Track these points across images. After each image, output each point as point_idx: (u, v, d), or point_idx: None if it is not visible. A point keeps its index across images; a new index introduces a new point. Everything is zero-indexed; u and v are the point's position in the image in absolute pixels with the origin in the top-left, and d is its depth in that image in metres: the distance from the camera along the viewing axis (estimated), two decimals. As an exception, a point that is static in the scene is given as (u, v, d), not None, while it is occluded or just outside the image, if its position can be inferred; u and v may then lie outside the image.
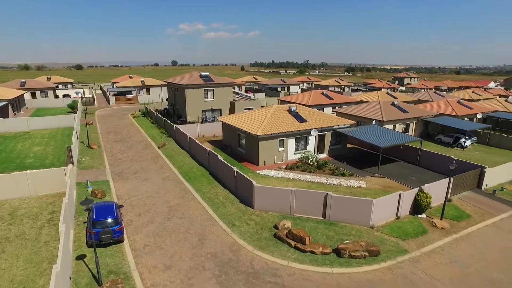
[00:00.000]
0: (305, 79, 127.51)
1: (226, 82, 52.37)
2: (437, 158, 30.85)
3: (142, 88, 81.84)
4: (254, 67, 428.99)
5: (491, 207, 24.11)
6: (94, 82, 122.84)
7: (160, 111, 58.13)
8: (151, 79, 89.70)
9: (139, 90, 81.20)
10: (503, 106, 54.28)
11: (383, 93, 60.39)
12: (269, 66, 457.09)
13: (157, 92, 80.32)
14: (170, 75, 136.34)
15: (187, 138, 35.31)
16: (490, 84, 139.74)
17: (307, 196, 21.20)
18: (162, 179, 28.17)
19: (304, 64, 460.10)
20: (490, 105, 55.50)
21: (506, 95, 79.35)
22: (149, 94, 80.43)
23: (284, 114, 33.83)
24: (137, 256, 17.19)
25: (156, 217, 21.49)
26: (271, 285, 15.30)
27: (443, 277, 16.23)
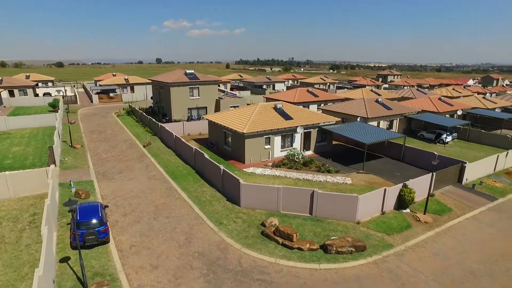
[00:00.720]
0: (291, 76, 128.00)
1: (211, 80, 52.08)
2: (420, 154, 31.53)
3: (126, 86, 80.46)
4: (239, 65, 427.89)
5: (471, 200, 24.84)
6: (76, 80, 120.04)
7: (145, 109, 57.35)
8: (135, 77, 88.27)
9: (123, 88, 79.82)
10: (481, 103, 55.86)
11: (367, 90, 61.23)
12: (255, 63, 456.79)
13: (142, 90, 79.16)
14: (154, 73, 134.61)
15: (173, 137, 34.97)
16: (469, 81, 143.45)
17: (294, 193, 21.33)
18: (148, 178, 27.83)
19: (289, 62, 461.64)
20: (469, 102, 57.01)
21: (484, 92, 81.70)
22: (133, 92, 79.19)
23: (270, 112, 33.89)
24: (123, 257, 16.95)
25: (142, 216, 21.24)
26: (259, 283, 15.36)
27: (426, 270, 16.64)
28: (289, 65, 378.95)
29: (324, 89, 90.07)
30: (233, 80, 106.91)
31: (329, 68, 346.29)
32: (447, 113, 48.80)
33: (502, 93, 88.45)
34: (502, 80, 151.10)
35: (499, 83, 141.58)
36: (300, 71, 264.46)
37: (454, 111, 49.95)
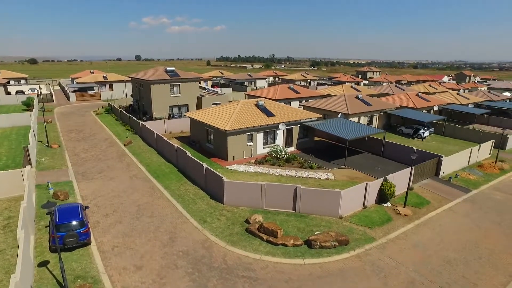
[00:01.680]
0: (272, 73, 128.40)
1: (192, 77, 51.51)
2: (399, 148, 32.34)
3: (104, 84, 78.53)
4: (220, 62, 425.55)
5: (447, 193, 25.71)
6: (51, 78, 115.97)
7: (125, 107, 56.18)
8: (114, 74, 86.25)
9: (102, 86, 77.88)
10: (456, 99, 57.75)
11: (347, 87, 62.15)
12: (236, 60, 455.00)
13: (121, 88, 77.44)
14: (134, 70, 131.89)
15: (154, 135, 34.45)
16: (444, 78, 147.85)
17: (277, 190, 21.46)
18: (129, 178, 27.34)
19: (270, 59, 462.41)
20: (444, 98, 58.83)
21: (457, 89, 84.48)
22: (112, 90, 77.39)
23: (252, 109, 33.89)
24: (106, 258, 16.62)
25: (125, 217, 20.86)
26: (244, 280, 15.41)
27: (407, 261, 17.13)
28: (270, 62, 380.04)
29: (305, 86, 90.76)
30: (214, 77, 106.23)
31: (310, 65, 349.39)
32: (424, 108, 50.19)
33: (474, 89, 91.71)
34: (474, 77, 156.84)
35: (471, 80, 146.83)
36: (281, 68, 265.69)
37: (431, 106, 51.43)
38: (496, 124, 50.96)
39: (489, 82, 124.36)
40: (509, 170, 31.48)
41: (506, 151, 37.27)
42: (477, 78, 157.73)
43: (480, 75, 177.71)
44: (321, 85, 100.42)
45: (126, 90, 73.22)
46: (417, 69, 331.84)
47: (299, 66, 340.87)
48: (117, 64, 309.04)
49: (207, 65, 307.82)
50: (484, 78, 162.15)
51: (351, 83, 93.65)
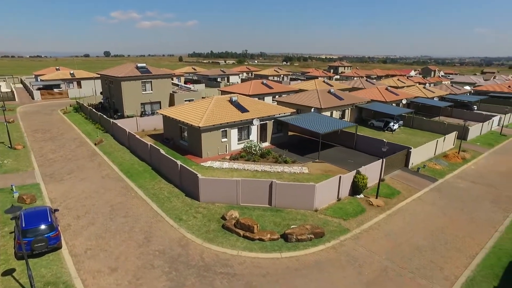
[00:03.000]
0: (245, 69, 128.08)
1: (164, 74, 50.53)
2: (370, 141, 33.30)
3: (72, 81, 75.37)
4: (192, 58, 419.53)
5: (416, 183, 26.81)
6: (12, 75, 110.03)
7: (95, 105, 54.23)
8: (82, 71, 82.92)
9: (69, 83, 74.73)
10: (422, 93, 60.10)
11: (320, 82, 63.10)
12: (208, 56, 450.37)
13: (90, 85, 74.71)
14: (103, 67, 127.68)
15: (126, 133, 33.57)
16: (411, 72, 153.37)
17: (253, 185, 21.55)
18: (101, 178, 26.54)
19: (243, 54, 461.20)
20: (412, 92, 61.04)
21: (424, 83, 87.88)
22: (80, 88, 74.43)
23: (225, 105, 33.73)
24: (78, 262, 16.10)
25: (97, 218, 20.27)
26: (222, 276, 15.43)
27: (380, 250, 17.76)
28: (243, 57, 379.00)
29: (279, 81, 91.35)
30: (187, 73, 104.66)
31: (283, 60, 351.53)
32: (393, 102, 51.86)
33: (439, 83, 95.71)
34: (438, 71, 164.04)
35: (436, 74, 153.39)
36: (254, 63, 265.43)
37: (400, 100, 53.22)
38: (458, 116, 53.52)
39: (452, 76, 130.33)
40: (471, 160, 33.26)
41: (468, 142, 39.30)
42: (441, 72, 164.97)
43: (443, 70, 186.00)
44: (294, 80, 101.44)
45: (95, 88, 70.73)
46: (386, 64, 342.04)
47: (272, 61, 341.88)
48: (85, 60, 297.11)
49: (180, 61, 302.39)
50: (447, 72, 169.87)
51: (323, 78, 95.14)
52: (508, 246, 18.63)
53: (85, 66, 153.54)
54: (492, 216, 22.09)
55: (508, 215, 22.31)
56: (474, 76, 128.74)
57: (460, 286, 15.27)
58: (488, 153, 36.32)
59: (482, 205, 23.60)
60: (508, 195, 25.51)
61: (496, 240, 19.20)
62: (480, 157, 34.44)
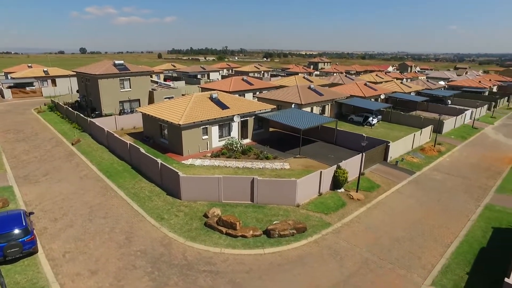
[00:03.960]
0: (225, 65, 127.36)
1: (143, 71, 49.56)
2: (350, 136, 33.85)
3: (46, 79, 72.70)
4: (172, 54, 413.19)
5: (395, 176, 27.50)
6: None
7: (71, 104, 52.61)
8: (57, 68, 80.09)
9: (42, 81, 72.07)
10: (400, 88, 61.58)
11: (300, 78, 63.54)
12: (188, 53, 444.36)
13: (65, 83, 72.28)
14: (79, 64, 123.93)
15: (105, 132, 32.79)
16: (389, 68, 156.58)
17: (234, 182, 21.54)
18: (79, 178, 25.86)
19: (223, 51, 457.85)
20: (390, 87, 62.43)
21: (401, 78, 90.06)
22: (55, 86, 71.93)
23: (206, 102, 33.47)
24: (56, 266, 15.66)
25: (76, 220, 19.76)
26: (205, 274, 15.38)
27: (361, 243, 18.14)
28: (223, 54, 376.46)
29: (259, 77, 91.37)
30: (166, 70, 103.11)
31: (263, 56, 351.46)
32: (372, 97, 52.84)
33: (415, 78, 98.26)
34: (415, 67, 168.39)
35: (413, 70, 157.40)
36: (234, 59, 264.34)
37: (378, 95, 54.31)
38: (434, 111, 55.14)
39: (427, 72, 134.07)
40: (446, 152, 34.41)
41: (443, 135, 40.59)
42: (417, 68, 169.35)
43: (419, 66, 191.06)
44: (275, 76, 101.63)
45: (71, 86, 68.53)
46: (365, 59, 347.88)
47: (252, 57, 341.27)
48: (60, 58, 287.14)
49: (159, 58, 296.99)
50: (423, 68, 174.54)
51: (304, 74, 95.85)
52: (479, 234, 19.46)
53: (59, 63, 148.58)
54: (465, 206, 22.98)
55: (479, 204, 23.30)
56: (448, 71, 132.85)
57: (437, 274, 15.83)
58: (462, 145, 37.67)
59: (456, 196, 24.48)
60: (479, 185, 26.60)
61: (468, 228, 20.00)
62: (454, 150, 35.68)
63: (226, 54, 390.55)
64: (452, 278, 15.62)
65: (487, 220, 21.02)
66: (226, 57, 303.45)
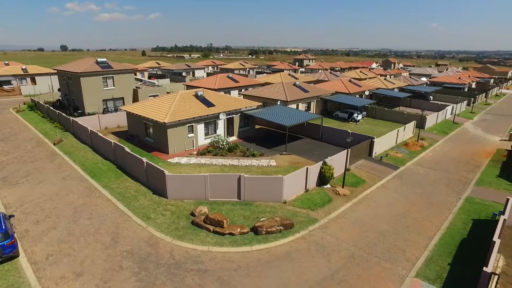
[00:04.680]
0: (210, 63, 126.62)
1: (127, 69, 48.76)
2: (336, 132, 34.22)
3: (24, 77, 70.68)
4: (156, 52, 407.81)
5: (380, 171, 27.97)
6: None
7: (52, 103, 51.35)
8: (36, 66, 77.94)
9: (21, 79, 70.05)
10: (383, 84, 62.51)
11: (285, 75, 63.73)
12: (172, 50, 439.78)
13: (46, 81, 70.40)
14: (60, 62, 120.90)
15: (88, 131, 32.15)
16: (372, 65, 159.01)
17: (221, 180, 21.49)
18: (62, 179, 25.30)
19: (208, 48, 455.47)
20: (374, 83, 63.29)
21: (385, 74, 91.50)
22: (35, 84, 69.96)
23: (191, 100, 33.22)
24: (39, 270, 15.31)
25: (59, 221, 19.35)
26: (193, 273, 15.33)
27: (347, 238, 18.41)
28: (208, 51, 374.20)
29: (244, 75, 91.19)
30: (151, 68, 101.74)
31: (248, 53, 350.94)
32: (356, 93, 53.50)
33: (398, 75, 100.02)
34: (398, 63, 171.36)
35: (396, 66, 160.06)
36: (219, 57, 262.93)
37: (363, 91, 55.00)
38: (416, 106, 56.26)
39: (410, 69, 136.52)
40: (428, 147, 35.20)
41: (425, 130, 41.51)
42: (400, 64, 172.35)
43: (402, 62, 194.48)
44: (260, 74, 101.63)
45: (52, 84, 66.86)
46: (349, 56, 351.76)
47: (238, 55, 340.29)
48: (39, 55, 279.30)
49: (143, 56, 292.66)
50: (406, 64, 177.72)
51: (289, 70, 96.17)
52: (460, 225, 20.04)
53: (39, 61, 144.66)
54: (447, 199, 23.59)
55: (460, 197, 23.97)
56: (430, 68, 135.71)
57: (420, 266, 16.22)
58: (443, 140, 38.61)
59: (438, 189, 25.10)
60: (459, 178, 27.35)
61: (450, 221, 20.56)
62: (436, 145, 36.53)
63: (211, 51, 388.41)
64: (435, 269, 16.04)
65: (467, 212, 21.65)
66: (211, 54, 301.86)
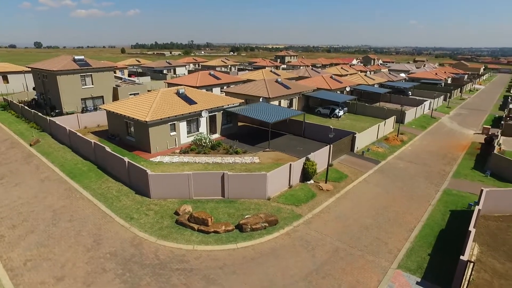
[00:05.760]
0: (191, 60, 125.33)
1: (106, 67, 47.65)
2: (318, 128, 34.57)
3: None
4: (136, 49, 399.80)
5: (362, 166, 28.46)
6: None
7: (27, 102, 49.64)
8: (8, 64, 74.84)
9: (-8, 78, 67.24)
10: (364, 80, 63.59)
11: (267, 71, 63.76)
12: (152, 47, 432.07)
13: (19, 80, 67.84)
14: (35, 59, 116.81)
15: (66, 131, 31.28)
16: (353, 61, 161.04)
17: (205, 178, 21.38)
18: (40, 181, 24.55)
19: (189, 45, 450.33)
20: (355, 79, 64.28)
21: (365, 71, 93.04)
22: (7, 83, 67.22)
23: (172, 98, 32.82)
24: (17, 276, 14.82)
25: (38, 225, 18.78)
26: (179, 272, 15.21)
27: (331, 232, 18.68)
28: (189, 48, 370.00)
29: (226, 72, 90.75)
30: (131, 65, 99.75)
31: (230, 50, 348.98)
32: (338, 89, 54.17)
33: (378, 71, 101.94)
34: (377, 60, 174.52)
35: (376, 63, 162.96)
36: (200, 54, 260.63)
37: (344, 87, 55.74)
38: (396, 102, 57.56)
39: (389, 65, 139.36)
40: (408, 141, 36.09)
41: (405, 125, 42.52)
42: (379, 61, 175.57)
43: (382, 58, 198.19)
44: (242, 71, 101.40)
45: (26, 83, 64.58)
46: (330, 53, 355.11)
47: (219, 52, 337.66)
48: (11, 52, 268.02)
49: (122, 53, 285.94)
50: (385, 61, 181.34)
51: (271, 67, 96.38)
52: (439, 217, 20.69)
53: (11, 58, 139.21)
54: (427, 191, 24.28)
55: (438, 189, 24.73)
56: (408, 64, 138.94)
57: (402, 257, 16.65)
58: (422, 134, 39.67)
59: (418, 182, 25.79)
60: (438, 171, 28.19)
61: (429, 213, 21.19)
62: (415, 139, 37.48)
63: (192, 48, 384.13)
64: (415, 260, 16.50)
65: (445, 204, 22.36)
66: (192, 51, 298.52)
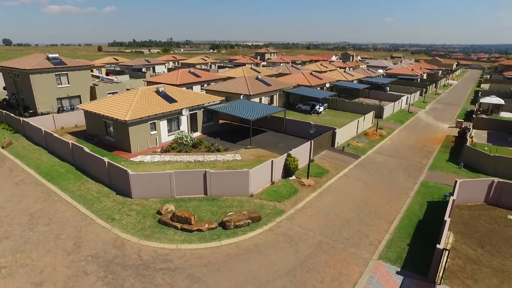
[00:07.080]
0: (171, 58, 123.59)
1: (82, 65, 46.31)
2: (299, 124, 34.90)
3: (-37, 76, 64.91)
4: (113, 47, 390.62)
5: (342, 161, 28.98)
6: None
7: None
8: (-23, 64, 71.83)
9: (-40, 78, 64.24)
10: (343, 76, 64.52)
11: (247, 69, 63.69)
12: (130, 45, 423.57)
13: (-12, 80, 65.19)
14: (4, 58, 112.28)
15: (42, 132, 30.32)
16: (332, 57, 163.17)
17: (187, 177, 21.26)
18: (15, 184, 23.74)
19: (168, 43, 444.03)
20: (334, 76, 65.12)
21: (344, 67, 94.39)
22: (-24, 83, 64.54)
23: (152, 96, 32.35)
24: (-6, 281, 14.38)
25: (13, 230, 18.19)
26: (163, 272, 15.11)
27: (314, 227, 18.97)
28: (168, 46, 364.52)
29: (206, 69, 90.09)
30: (108, 64, 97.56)
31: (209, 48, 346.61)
32: (318, 86, 54.79)
33: (357, 67, 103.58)
34: (356, 56, 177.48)
35: (354, 59, 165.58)
36: (180, 51, 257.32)
37: (323, 84, 56.43)
38: (375, 97, 58.73)
39: (367, 61, 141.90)
40: (387, 136, 36.97)
41: (384, 120, 43.49)
42: (358, 57, 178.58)
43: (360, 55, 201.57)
44: (222, 68, 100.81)
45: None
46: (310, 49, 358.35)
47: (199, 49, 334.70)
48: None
49: (99, 51, 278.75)
50: (363, 57, 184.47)
51: (251, 64, 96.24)
52: (417, 208, 21.38)
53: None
54: (405, 184, 25.00)
55: (416, 182, 25.50)
56: (386, 60, 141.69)
57: (382, 249, 17.12)
58: (400, 129, 40.72)
59: (397, 176, 26.50)
60: (415, 164, 29.06)
61: (408, 205, 21.84)
62: (394, 133, 38.44)
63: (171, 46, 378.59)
64: (395, 250, 17.00)
65: (422, 196, 23.10)
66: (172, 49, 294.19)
